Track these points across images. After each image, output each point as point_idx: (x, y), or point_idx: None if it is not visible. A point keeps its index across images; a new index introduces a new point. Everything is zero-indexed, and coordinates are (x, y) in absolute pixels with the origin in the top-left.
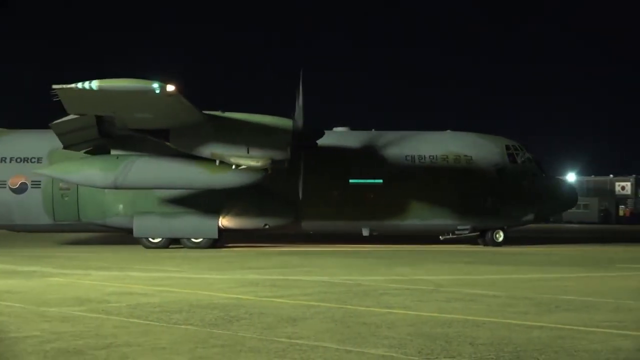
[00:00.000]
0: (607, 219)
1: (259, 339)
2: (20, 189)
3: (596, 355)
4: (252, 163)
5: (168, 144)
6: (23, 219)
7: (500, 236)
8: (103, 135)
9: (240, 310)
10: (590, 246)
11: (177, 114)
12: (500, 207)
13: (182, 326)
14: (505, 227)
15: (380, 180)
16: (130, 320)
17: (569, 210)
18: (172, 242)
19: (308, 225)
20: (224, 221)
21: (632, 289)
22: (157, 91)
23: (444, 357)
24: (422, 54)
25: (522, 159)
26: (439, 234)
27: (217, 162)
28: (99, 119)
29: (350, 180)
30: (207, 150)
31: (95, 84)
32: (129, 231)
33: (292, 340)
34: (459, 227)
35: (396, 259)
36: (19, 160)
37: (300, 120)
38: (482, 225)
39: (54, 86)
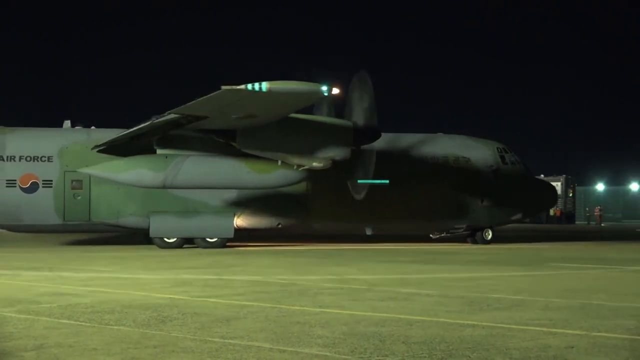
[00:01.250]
0: (538, 218)
1: (192, 339)
2: (31, 188)
3: (526, 352)
4: (315, 164)
5: (234, 144)
6: (31, 219)
7: (489, 234)
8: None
9: (173, 311)
10: (522, 245)
11: (282, 114)
12: (494, 207)
13: (114, 327)
14: (494, 226)
15: (387, 181)
16: (61, 321)
17: None
18: (186, 242)
19: (318, 224)
20: (239, 221)
21: (561, 288)
22: (325, 93)
23: (377, 356)
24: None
25: (512, 161)
26: (439, 232)
27: (280, 162)
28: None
29: (359, 181)
30: (271, 151)
31: (265, 86)
32: (143, 231)
33: (226, 340)
34: (455, 226)
35: (331, 258)
36: (28, 159)
37: (360, 121)
38: (476, 224)
39: (224, 87)
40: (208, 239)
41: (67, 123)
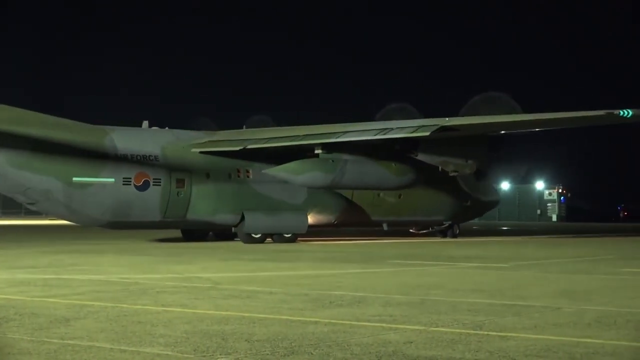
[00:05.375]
0: None
1: (29, 341)
2: (143, 187)
3: (367, 348)
4: (467, 171)
5: (414, 152)
6: (137, 215)
7: (457, 230)
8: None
9: (10, 312)
10: (370, 240)
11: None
12: (471, 207)
13: None
14: (460, 223)
15: None
16: None
17: None
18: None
19: (358, 222)
20: (308, 218)
21: (401, 284)
22: None
23: (220, 354)
24: None
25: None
26: (420, 228)
27: (448, 168)
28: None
29: None
30: (440, 157)
31: (631, 112)
32: (231, 228)
33: (65, 341)
34: (443, 223)
35: (174, 256)
36: (138, 157)
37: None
38: (455, 221)
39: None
40: (285, 235)
41: (145, 123)
